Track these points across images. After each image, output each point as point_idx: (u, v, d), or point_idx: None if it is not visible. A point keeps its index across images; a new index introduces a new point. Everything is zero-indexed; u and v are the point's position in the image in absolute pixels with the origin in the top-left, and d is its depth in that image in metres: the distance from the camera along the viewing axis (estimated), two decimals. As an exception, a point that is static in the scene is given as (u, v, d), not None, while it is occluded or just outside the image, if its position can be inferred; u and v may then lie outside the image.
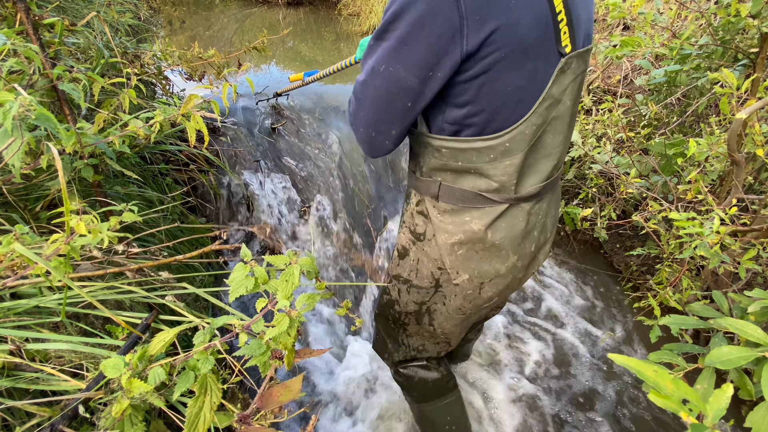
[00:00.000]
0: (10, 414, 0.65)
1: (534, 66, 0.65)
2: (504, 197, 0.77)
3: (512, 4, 0.60)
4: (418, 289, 0.92)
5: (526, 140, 0.71)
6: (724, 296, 0.85)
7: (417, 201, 0.85)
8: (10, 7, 1.05)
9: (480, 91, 0.65)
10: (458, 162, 0.74)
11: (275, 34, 2.37)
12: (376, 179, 2.17)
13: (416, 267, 0.90)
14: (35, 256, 0.59)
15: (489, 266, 0.83)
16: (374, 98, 0.66)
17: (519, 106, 0.68)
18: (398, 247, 0.94)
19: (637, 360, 0.36)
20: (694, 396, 0.33)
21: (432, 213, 0.82)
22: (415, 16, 0.58)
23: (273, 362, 0.54)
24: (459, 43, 0.59)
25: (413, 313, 0.97)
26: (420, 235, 0.87)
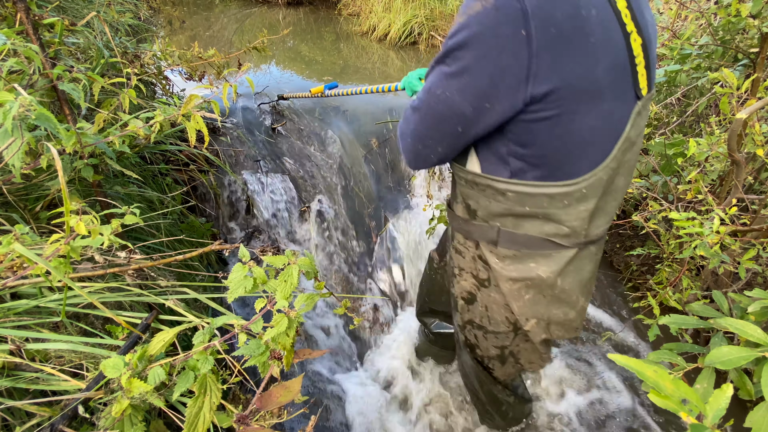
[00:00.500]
0: (10, 414, 0.65)
1: (610, 107, 0.62)
2: (574, 242, 0.73)
3: (590, 48, 0.57)
4: (496, 334, 0.89)
5: (602, 185, 0.68)
6: (724, 296, 0.85)
7: (475, 245, 0.81)
8: (10, 7, 1.05)
9: (552, 132, 0.62)
10: (525, 207, 0.69)
11: (275, 34, 2.37)
12: (376, 179, 2.17)
13: (487, 314, 0.87)
14: (35, 257, 0.59)
15: (558, 311, 0.81)
16: (426, 116, 0.67)
17: (592, 149, 0.65)
18: (462, 294, 0.90)
19: (637, 360, 0.36)
20: (694, 396, 0.33)
21: (491, 260, 0.78)
22: (481, 48, 0.57)
23: (272, 362, 0.54)
24: (524, 83, 0.57)
25: (496, 357, 0.95)
26: (484, 281, 0.83)
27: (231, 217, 2.00)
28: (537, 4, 0.54)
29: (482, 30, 0.56)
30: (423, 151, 0.71)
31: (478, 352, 0.97)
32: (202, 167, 1.83)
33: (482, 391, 1.13)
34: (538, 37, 0.54)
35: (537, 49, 0.55)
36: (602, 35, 0.58)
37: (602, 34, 0.58)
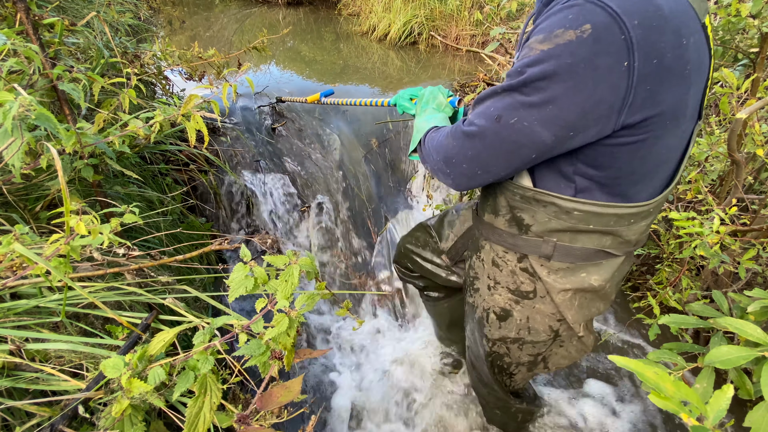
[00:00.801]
0: (10, 414, 0.65)
1: (686, 127, 0.62)
2: (625, 250, 0.74)
3: (685, 76, 0.55)
4: (534, 344, 0.88)
5: (663, 202, 0.70)
6: (724, 296, 0.85)
7: (519, 258, 0.80)
8: (10, 7, 1.05)
9: (634, 155, 0.60)
10: (590, 225, 0.68)
11: (275, 34, 2.37)
12: (377, 179, 2.17)
13: (527, 325, 0.85)
14: (35, 256, 0.59)
15: (594, 308, 0.82)
16: (493, 144, 0.63)
17: (664, 167, 0.65)
18: (494, 310, 0.88)
19: (637, 361, 0.36)
20: (694, 397, 0.33)
21: (541, 272, 0.77)
22: (573, 80, 0.53)
23: (273, 362, 0.54)
24: (618, 113, 0.54)
25: (526, 363, 0.95)
26: (528, 293, 0.82)
27: (231, 217, 2.00)
28: (643, 35, 0.50)
29: (576, 61, 0.52)
30: (481, 176, 0.68)
31: (506, 360, 0.95)
32: (202, 167, 1.83)
33: (494, 398, 1.13)
34: (640, 69, 0.51)
35: (637, 81, 0.52)
36: (697, 62, 0.57)
37: (697, 60, 0.57)
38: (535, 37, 0.56)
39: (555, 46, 0.53)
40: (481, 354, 1.00)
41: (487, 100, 0.64)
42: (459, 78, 2.83)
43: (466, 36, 3.65)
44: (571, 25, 0.52)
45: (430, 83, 2.85)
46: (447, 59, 3.49)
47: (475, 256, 0.90)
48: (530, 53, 0.56)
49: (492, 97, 0.63)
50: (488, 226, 0.83)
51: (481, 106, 0.65)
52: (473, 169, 0.68)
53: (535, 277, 0.79)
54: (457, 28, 3.71)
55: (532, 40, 0.56)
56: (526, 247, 0.77)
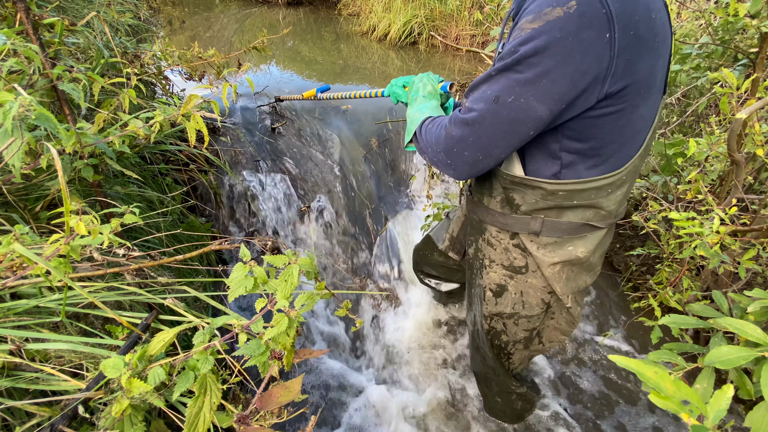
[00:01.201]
0: (10, 414, 0.65)
1: (655, 98, 0.67)
2: (607, 222, 0.79)
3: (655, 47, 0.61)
4: (528, 318, 0.93)
5: (636, 169, 0.74)
6: (724, 296, 0.85)
7: (510, 236, 0.85)
8: (10, 7, 1.05)
9: (615, 124, 0.65)
10: (573, 201, 0.74)
11: (275, 34, 2.37)
12: (376, 179, 2.16)
13: (521, 299, 0.91)
14: (35, 257, 0.59)
15: (582, 280, 0.87)
16: (493, 125, 0.66)
17: (639, 136, 0.70)
18: (490, 286, 0.93)
19: (638, 361, 0.36)
20: (694, 397, 0.33)
21: (531, 248, 0.83)
22: (562, 53, 0.56)
23: (272, 362, 0.54)
24: (602, 82, 0.59)
25: (522, 340, 0.99)
26: (520, 268, 0.87)
27: (231, 217, 2.00)
28: (620, 9, 0.55)
29: (564, 35, 0.56)
30: (483, 161, 0.71)
31: (504, 338, 0.99)
32: (202, 167, 1.83)
33: (496, 382, 1.16)
34: (620, 40, 0.56)
35: (618, 51, 0.57)
36: (663, 35, 0.62)
37: (663, 34, 0.62)
38: (525, 18, 0.59)
39: (545, 23, 0.56)
40: (482, 331, 1.03)
41: (482, 84, 0.66)
42: (459, 78, 2.83)
43: (466, 36, 3.65)
44: (558, 3, 0.56)
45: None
46: (447, 59, 3.48)
47: (481, 239, 0.94)
48: (521, 33, 0.59)
49: (487, 81, 0.65)
50: (483, 208, 0.88)
51: (476, 92, 0.67)
52: (475, 155, 0.70)
53: (526, 252, 0.85)
54: (457, 28, 3.71)
55: (522, 21, 0.59)
56: (516, 225, 0.82)
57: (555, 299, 0.89)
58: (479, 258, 0.96)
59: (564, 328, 0.96)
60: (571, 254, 0.81)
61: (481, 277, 0.97)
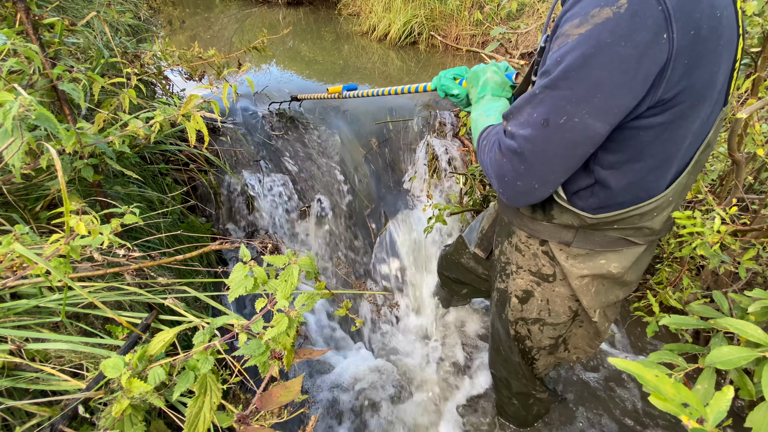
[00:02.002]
0: (10, 414, 0.65)
1: (708, 111, 0.59)
2: (648, 239, 0.73)
3: (718, 51, 0.53)
4: (554, 325, 0.89)
5: (685, 188, 0.67)
6: (724, 296, 0.85)
7: (540, 242, 0.81)
8: (10, 7, 1.05)
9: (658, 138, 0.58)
10: (614, 226, 0.69)
11: (275, 34, 2.37)
12: (376, 179, 2.16)
13: (548, 307, 0.86)
14: (35, 257, 0.59)
15: (612, 295, 0.81)
16: (546, 152, 0.58)
17: (687, 152, 0.63)
18: (516, 292, 0.89)
19: (637, 364, 0.36)
20: (694, 400, 0.33)
21: (559, 257, 0.78)
22: (615, 60, 0.50)
23: (272, 362, 0.54)
24: (655, 88, 0.52)
25: (547, 347, 0.95)
26: (548, 276, 0.83)
27: (231, 217, 2.00)
28: (679, 5, 0.48)
29: (616, 40, 0.49)
30: (540, 189, 0.63)
31: (528, 344, 0.96)
32: (202, 167, 1.84)
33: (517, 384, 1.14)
34: (678, 40, 0.50)
35: (676, 54, 0.50)
36: (728, 37, 0.55)
37: (728, 35, 0.55)
38: (569, 23, 0.52)
39: (593, 27, 0.50)
40: (507, 339, 1.00)
41: (526, 106, 0.59)
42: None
43: (466, 36, 3.65)
44: (606, 2, 0.49)
45: (431, 83, 2.85)
46: (447, 59, 3.48)
47: (507, 242, 0.90)
48: (567, 40, 0.52)
49: (531, 102, 0.58)
50: (514, 210, 0.83)
51: (520, 115, 0.60)
52: (529, 184, 0.62)
53: (555, 261, 0.80)
54: (457, 28, 3.71)
55: (566, 26, 0.53)
56: (546, 233, 0.77)
57: (583, 308, 0.85)
58: (502, 261, 0.93)
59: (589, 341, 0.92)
60: (603, 268, 0.75)
61: (504, 282, 0.93)
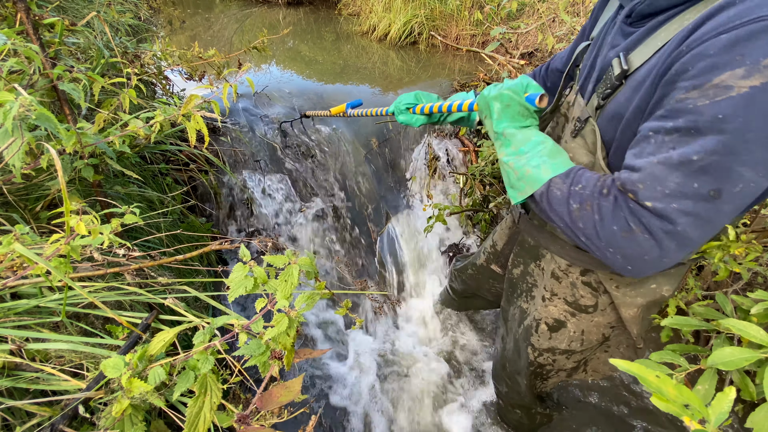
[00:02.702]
0: (11, 414, 0.65)
1: None
2: (691, 258, 0.70)
3: None
4: (582, 352, 0.86)
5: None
6: (727, 297, 0.85)
7: (582, 271, 0.76)
8: (11, 7, 1.05)
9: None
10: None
11: (275, 33, 2.37)
12: (377, 179, 2.16)
13: (581, 338, 0.83)
14: (35, 256, 0.59)
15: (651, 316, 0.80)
16: (716, 224, 0.49)
17: None
18: (545, 321, 0.85)
19: (639, 365, 0.36)
20: (696, 401, 0.33)
21: (609, 286, 0.73)
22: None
23: (273, 362, 0.54)
24: None
25: (567, 370, 0.93)
26: (587, 308, 0.78)
27: (231, 217, 2.00)
28: None
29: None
30: (678, 255, 0.53)
31: (548, 368, 0.93)
32: (202, 167, 1.84)
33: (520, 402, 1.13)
34: None
35: None
36: None
37: None
38: (728, 71, 0.44)
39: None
40: (521, 361, 0.98)
41: (675, 174, 0.48)
42: (459, 78, 2.83)
43: (466, 36, 3.65)
44: None
45: (431, 83, 2.85)
46: (447, 59, 3.48)
47: (534, 264, 0.86)
48: (729, 93, 0.44)
49: (682, 170, 0.47)
50: (548, 236, 0.78)
51: (665, 185, 0.49)
52: (677, 258, 0.53)
53: (599, 291, 0.75)
54: (457, 27, 3.71)
55: (723, 75, 0.44)
56: (593, 262, 0.72)
57: (615, 333, 0.81)
58: (528, 282, 0.89)
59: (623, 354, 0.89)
60: (656, 293, 0.70)
61: (528, 303, 0.90)
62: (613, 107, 0.59)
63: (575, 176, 0.59)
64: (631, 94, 0.56)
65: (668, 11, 0.54)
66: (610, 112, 0.60)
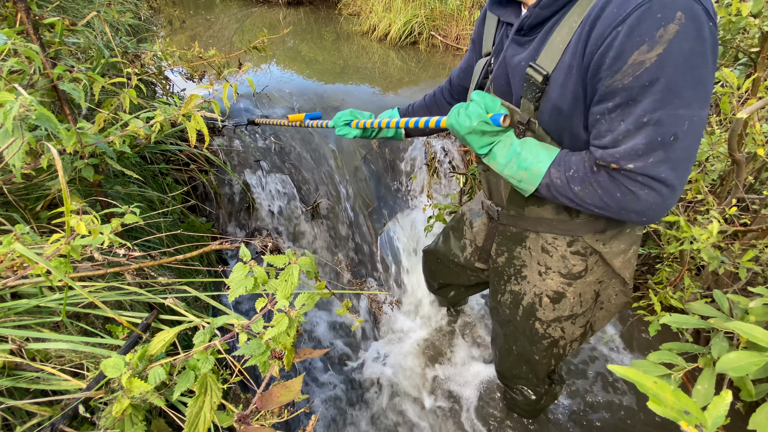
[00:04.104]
0: (11, 413, 0.65)
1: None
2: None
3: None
4: (584, 314, 0.94)
5: None
6: (724, 296, 0.85)
7: (569, 242, 0.86)
8: (11, 7, 1.05)
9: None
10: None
11: (275, 33, 2.37)
12: (376, 179, 2.16)
13: (580, 300, 0.92)
14: (36, 256, 0.59)
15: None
16: (688, 161, 0.61)
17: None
18: (546, 294, 0.93)
19: (636, 371, 0.36)
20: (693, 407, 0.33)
21: (597, 246, 0.84)
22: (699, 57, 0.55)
23: (273, 362, 0.54)
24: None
25: (578, 338, 0.99)
26: (579, 273, 0.88)
27: (231, 217, 2.00)
28: (708, 3, 0.56)
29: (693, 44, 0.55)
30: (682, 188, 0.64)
31: (561, 342, 0.99)
32: (202, 167, 1.84)
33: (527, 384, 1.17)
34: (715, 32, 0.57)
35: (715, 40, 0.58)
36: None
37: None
38: (635, 51, 0.55)
39: (669, 43, 0.54)
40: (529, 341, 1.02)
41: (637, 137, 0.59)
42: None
43: (466, 36, 3.65)
44: (665, 20, 0.54)
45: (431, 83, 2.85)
46: (447, 59, 3.48)
47: (520, 247, 0.94)
48: (645, 65, 0.55)
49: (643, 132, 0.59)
50: (533, 220, 0.88)
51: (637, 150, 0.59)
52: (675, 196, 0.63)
53: (587, 254, 0.85)
54: (457, 27, 3.71)
55: (634, 55, 0.55)
56: (580, 230, 0.83)
57: (602, 287, 0.91)
58: (514, 265, 0.96)
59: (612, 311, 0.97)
60: (633, 235, 0.82)
61: (519, 284, 0.96)
62: (549, 105, 0.69)
63: (565, 162, 0.70)
64: (561, 90, 0.66)
65: (551, 18, 0.67)
66: (548, 109, 0.70)
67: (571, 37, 0.63)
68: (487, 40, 0.86)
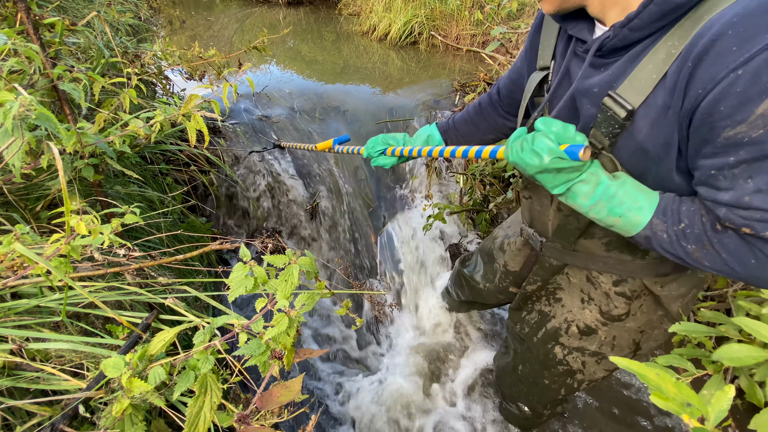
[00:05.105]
0: (11, 413, 0.65)
1: None
2: None
3: None
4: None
5: None
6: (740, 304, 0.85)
7: (615, 281, 0.78)
8: (11, 7, 1.05)
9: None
10: None
11: (275, 33, 2.37)
12: (377, 179, 2.16)
13: (611, 343, 0.85)
14: (36, 256, 0.59)
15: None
16: None
17: None
18: (577, 324, 0.87)
19: (639, 363, 0.36)
20: (695, 399, 0.33)
21: (654, 289, 0.76)
22: None
23: (273, 362, 0.54)
24: None
25: (598, 380, 0.93)
26: (619, 316, 0.81)
27: (231, 216, 2.00)
28: None
29: None
30: None
31: (579, 377, 0.93)
32: (202, 167, 1.84)
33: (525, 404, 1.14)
34: None
35: None
36: None
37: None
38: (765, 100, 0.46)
39: None
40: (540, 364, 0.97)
41: None
42: (459, 78, 2.83)
43: (466, 36, 3.64)
44: None
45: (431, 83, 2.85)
46: (447, 59, 3.48)
47: (559, 277, 0.89)
48: None
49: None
50: (583, 256, 0.79)
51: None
52: None
53: (632, 298, 0.78)
54: (457, 27, 3.71)
55: (765, 104, 0.46)
56: (640, 272, 0.75)
57: (644, 339, 0.84)
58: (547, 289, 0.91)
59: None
60: (694, 277, 0.75)
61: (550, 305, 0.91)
62: (632, 144, 0.59)
63: (673, 213, 0.59)
64: (650, 131, 0.56)
65: (641, 41, 0.55)
66: (629, 148, 0.59)
67: (667, 68, 0.53)
68: (543, 51, 0.73)
